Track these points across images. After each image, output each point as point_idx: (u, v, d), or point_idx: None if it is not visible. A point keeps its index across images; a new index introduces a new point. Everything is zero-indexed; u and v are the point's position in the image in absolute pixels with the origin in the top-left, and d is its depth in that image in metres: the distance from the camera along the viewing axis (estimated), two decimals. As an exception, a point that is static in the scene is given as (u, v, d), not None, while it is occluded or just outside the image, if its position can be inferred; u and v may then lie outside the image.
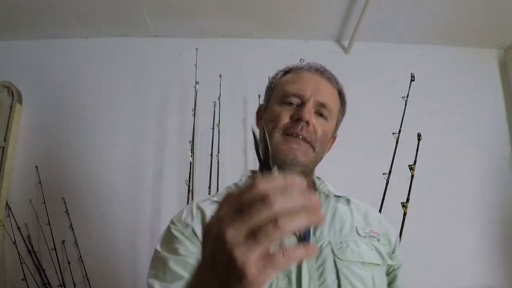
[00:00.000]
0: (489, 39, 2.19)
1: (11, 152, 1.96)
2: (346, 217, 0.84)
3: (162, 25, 2.12)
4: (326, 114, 0.82)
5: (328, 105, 0.81)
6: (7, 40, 2.18)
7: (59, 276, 1.77)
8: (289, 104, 0.80)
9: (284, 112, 0.79)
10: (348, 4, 1.94)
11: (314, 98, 0.80)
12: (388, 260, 0.81)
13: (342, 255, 0.75)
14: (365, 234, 0.82)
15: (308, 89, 0.81)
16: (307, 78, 0.83)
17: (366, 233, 0.82)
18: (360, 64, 2.17)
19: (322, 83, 0.83)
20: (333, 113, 0.83)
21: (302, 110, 0.77)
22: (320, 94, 0.81)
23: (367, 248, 0.80)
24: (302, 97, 0.80)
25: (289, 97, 0.81)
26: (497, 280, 1.89)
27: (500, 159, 2.08)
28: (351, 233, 0.81)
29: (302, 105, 0.79)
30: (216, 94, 1.95)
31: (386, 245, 0.84)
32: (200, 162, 1.98)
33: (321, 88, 0.82)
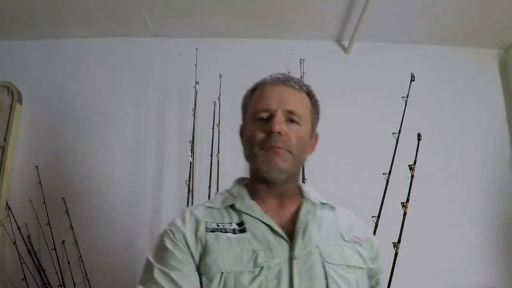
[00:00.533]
0: (489, 39, 2.19)
1: (11, 152, 1.96)
2: (331, 223, 0.88)
3: (162, 25, 2.12)
4: (297, 120, 0.85)
5: (296, 111, 0.84)
6: (7, 40, 2.18)
7: (59, 276, 1.77)
8: (260, 120, 0.85)
9: (258, 128, 0.84)
10: (348, 4, 1.94)
11: (281, 108, 0.84)
12: (370, 264, 0.86)
13: (329, 258, 0.79)
14: (349, 239, 0.86)
15: (273, 101, 0.85)
16: (271, 91, 0.87)
17: (350, 238, 0.86)
18: (360, 64, 2.17)
19: (286, 91, 0.87)
20: (303, 116, 0.86)
21: (272, 123, 0.81)
22: (286, 103, 0.84)
23: (351, 252, 0.84)
24: (269, 111, 0.84)
25: (259, 113, 0.85)
26: (497, 280, 1.89)
27: (500, 159, 2.08)
28: (336, 238, 0.85)
29: (271, 118, 0.83)
30: (216, 94, 1.95)
31: (368, 249, 0.88)
32: (200, 162, 1.98)
33: (285, 97, 0.86)
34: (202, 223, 0.81)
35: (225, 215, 0.85)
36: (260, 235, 0.79)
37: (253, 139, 0.84)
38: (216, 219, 0.83)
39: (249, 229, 0.80)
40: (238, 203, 0.85)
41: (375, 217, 1.53)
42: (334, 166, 1.94)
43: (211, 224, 0.81)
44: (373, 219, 1.52)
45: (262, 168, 0.82)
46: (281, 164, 0.81)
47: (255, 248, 0.77)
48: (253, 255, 0.75)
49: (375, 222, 1.52)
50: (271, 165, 0.81)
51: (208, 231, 0.80)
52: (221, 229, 0.80)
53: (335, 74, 2.11)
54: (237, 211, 0.85)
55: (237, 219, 0.83)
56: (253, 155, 0.84)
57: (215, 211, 0.86)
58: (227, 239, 0.78)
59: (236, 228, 0.81)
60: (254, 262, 0.74)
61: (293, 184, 0.89)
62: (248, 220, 0.82)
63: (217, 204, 0.88)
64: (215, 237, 0.78)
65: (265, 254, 0.76)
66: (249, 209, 0.84)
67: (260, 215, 0.82)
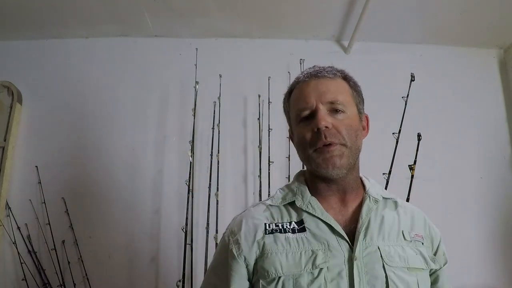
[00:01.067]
0: (489, 39, 2.19)
1: (11, 152, 1.96)
2: (393, 221, 0.85)
3: (162, 25, 2.12)
4: (341, 108, 0.82)
5: (336, 100, 0.82)
6: (7, 40, 2.18)
7: (59, 276, 1.77)
8: (305, 120, 0.83)
9: (305, 130, 0.82)
10: (348, 4, 1.94)
11: (321, 101, 0.81)
12: (432, 264, 0.84)
13: (390, 260, 0.76)
14: (411, 238, 0.84)
15: (311, 97, 0.82)
16: (306, 88, 0.85)
17: (412, 238, 0.84)
18: (360, 64, 2.17)
19: (321, 83, 0.84)
20: (346, 102, 0.84)
21: (316, 120, 0.79)
22: (324, 95, 0.82)
23: (413, 253, 0.81)
24: (310, 108, 0.82)
25: (300, 114, 0.83)
26: (497, 279, 1.89)
27: (500, 159, 2.08)
28: (397, 238, 0.82)
29: (314, 115, 0.81)
30: (216, 94, 1.95)
31: (429, 247, 0.87)
32: (200, 162, 1.98)
33: (322, 89, 0.83)
34: (261, 226, 0.81)
35: (284, 213, 0.84)
36: (319, 235, 0.78)
37: (303, 140, 0.82)
38: (275, 219, 0.83)
39: (309, 228, 0.79)
40: (298, 200, 0.84)
41: (375, 217, 1.52)
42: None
43: (270, 226, 0.81)
44: (373, 219, 1.52)
45: (320, 170, 0.80)
46: (338, 162, 0.79)
47: (314, 248, 0.76)
48: (312, 256, 0.75)
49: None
50: (329, 165, 0.79)
51: (267, 233, 0.80)
52: (280, 230, 0.80)
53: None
54: (297, 209, 0.83)
55: (297, 217, 0.82)
56: (308, 157, 0.82)
57: (274, 210, 0.85)
58: (285, 240, 0.78)
59: (295, 227, 0.80)
60: (313, 263, 0.73)
61: (354, 175, 0.86)
62: (308, 219, 0.81)
63: (277, 201, 0.86)
64: (274, 239, 0.78)
65: (324, 254, 0.75)
66: (309, 207, 0.82)
67: (321, 214, 0.81)
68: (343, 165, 0.80)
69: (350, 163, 0.82)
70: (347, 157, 0.80)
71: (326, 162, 0.79)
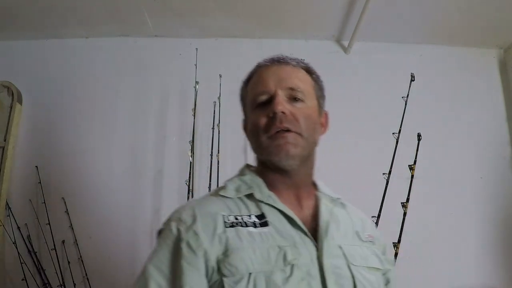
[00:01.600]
0: (489, 39, 2.19)
1: (11, 152, 1.96)
2: (347, 221, 0.82)
3: (162, 25, 2.12)
4: (300, 96, 0.77)
5: (297, 87, 0.77)
6: (7, 40, 2.18)
7: (59, 276, 1.77)
8: (261, 106, 0.77)
9: (260, 115, 0.76)
10: (348, 4, 1.94)
11: (280, 87, 0.77)
12: (385, 264, 0.81)
13: (353, 260, 0.73)
14: (365, 239, 0.81)
15: (271, 82, 0.78)
16: (266, 72, 0.80)
17: (366, 238, 0.81)
18: (360, 64, 2.17)
19: (282, 69, 0.80)
20: (306, 92, 0.79)
21: (273, 104, 0.74)
22: (285, 81, 0.77)
23: (369, 253, 0.79)
24: (268, 92, 0.77)
25: (257, 98, 0.78)
26: (497, 280, 1.89)
27: (500, 159, 2.08)
28: (353, 237, 0.79)
29: (272, 100, 0.76)
30: (216, 94, 1.95)
31: (380, 248, 0.84)
32: (200, 162, 1.98)
33: (283, 75, 0.79)
34: (219, 218, 0.71)
35: (241, 206, 0.75)
36: (283, 230, 0.71)
37: (257, 127, 0.76)
38: (233, 211, 0.73)
39: (271, 223, 0.72)
40: (257, 193, 0.76)
41: (375, 217, 1.53)
42: (334, 166, 1.93)
43: (229, 218, 0.71)
44: (373, 219, 1.52)
45: (272, 158, 0.75)
46: (292, 151, 0.73)
47: (281, 244, 0.69)
48: (280, 252, 0.67)
49: (375, 222, 1.52)
50: (282, 153, 0.73)
51: (227, 226, 0.69)
52: (240, 223, 0.70)
53: (335, 74, 2.11)
54: (254, 202, 0.75)
55: (256, 210, 0.74)
56: (260, 144, 0.76)
57: (229, 202, 0.75)
58: (249, 234, 0.69)
59: (256, 221, 0.72)
60: (284, 259, 0.67)
61: (307, 171, 0.82)
62: (269, 213, 0.73)
63: (230, 193, 0.77)
64: (236, 233, 0.69)
65: (292, 251, 0.68)
66: (270, 200, 0.75)
67: (283, 208, 0.74)
68: (297, 154, 0.74)
69: (304, 155, 0.77)
70: (301, 147, 0.75)
71: (278, 149, 0.73)
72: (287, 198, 0.78)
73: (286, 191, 0.78)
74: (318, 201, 0.81)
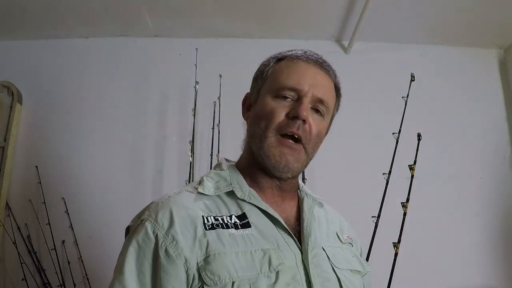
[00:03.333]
0: (489, 39, 2.19)
1: (11, 152, 1.96)
2: (327, 222, 0.80)
3: (162, 25, 2.12)
4: (323, 111, 0.74)
5: (325, 101, 0.73)
6: (7, 40, 2.18)
7: (59, 276, 1.77)
8: (283, 98, 0.72)
9: (279, 108, 0.71)
10: (348, 4, 1.94)
11: (312, 93, 0.72)
12: (366, 266, 0.79)
13: (337, 262, 0.71)
14: (345, 240, 0.79)
15: (306, 82, 0.72)
16: (304, 69, 0.74)
17: (345, 240, 0.80)
18: (360, 64, 2.17)
19: (320, 76, 0.75)
20: (330, 109, 0.76)
21: (300, 107, 0.69)
22: (318, 89, 0.73)
23: (350, 255, 0.77)
24: (299, 92, 0.72)
25: (284, 90, 0.72)
26: (497, 280, 1.89)
27: (500, 159, 2.07)
28: (334, 239, 0.77)
29: (299, 101, 0.71)
30: (216, 94, 1.95)
31: (359, 250, 0.83)
32: (200, 162, 1.98)
33: (319, 81, 0.74)
34: (199, 219, 0.65)
35: (220, 204, 0.69)
36: (266, 232, 0.67)
37: (270, 119, 0.71)
38: (212, 211, 0.67)
39: (254, 224, 0.67)
40: (238, 190, 0.71)
41: (375, 217, 1.53)
42: (334, 166, 1.94)
43: (209, 219, 0.65)
44: (373, 219, 1.52)
45: (269, 161, 0.70)
46: (292, 164, 0.71)
47: (264, 248, 0.64)
48: (265, 256, 0.63)
49: (375, 222, 1.52)
50: (282, 163, 0.70)
51: (208, 229, 0.64)
52: (221, 224, 0.65)
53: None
54: (235, 200, 0.70)
55: (237, 210, 0.69)
56: (264, 138, 0.71)
57: (208, 200, 0.70)
58: (230, 237, 0.64)
59: (237, 222, 0.66)
60: (269, 264, 0.62)
61: (295, 180, 0.79)
62: (252, 213, 0.69)
63: (209, 190, 0.71)
64: (217, 236, 0.63)
65: (277, 254, 0.64)
66: (252, 198, 0.70)
67: (266, 207, 0.69)
68: (294, 170, 0.72)
69: (299, 171, 0.75)
70: (301, 164, 0.73)
71: (281, 157, 0.70)
72: (270, 197, 0.74)
73: (270, 190, 0.75)
74: (300, 201, 0.79)
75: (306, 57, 0.76)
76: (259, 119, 0.73)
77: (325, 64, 0.77)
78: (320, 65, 0.76)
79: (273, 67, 0.78)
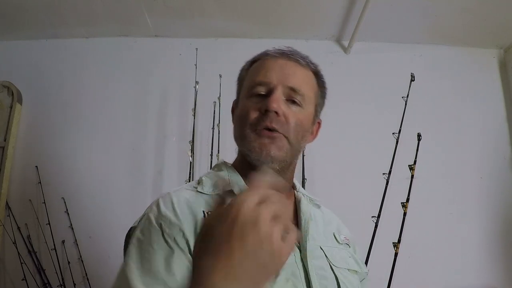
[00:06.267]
0: (489, 39, 2.18)
1: (11, 152, 1.96)
2: (324, 222, 0.80)
3: (162, 25, 2.12)
4: (299, 100, 0.73)
5: (299, 90, 0.72)
6: (7, 40, 2.18)
7: (59, 276, 1.77)
8: (256, 96, 0.73)
9: (253, 106, 0.72)
10: (348, 4, 1.94)
11: (282, 84, 0.72)
12: (363, 267, 0.80)
13: (335, 261, 0.72)
14: (342, 241, 0.80)
15: (273, 75, 0.73)
16: (272, 63, 0.75)
17: (342, 240, 0.80)
18: (360, 64, 2.17)
19: (290, 66, 0.74)
20: (307, 97, 0.74)
21: (269, 100, 0.70)
22: (289, 79, 0.72)
23: (347, 255, 0.77)
24: (267, 85, 0.72)
25: (255, 87, 0.73)
26: (497, 280, 1.89)
27: (500, 159, 2.07)
28: (332, 239, 0.78)
29: (269, 95, 0.71)
30: (216, 94, 1.95)
31: (355, 251, 0.83)
32: (200, 162, 1.98)
33: (289, 72, 0.73)
34: (200, 215, 0.66)
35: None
36: None
37: (245, 117, 0.72)
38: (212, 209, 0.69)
39: None
40: (236, 189, 0.72)
41: (375, 217, 1.53)
42: (334, 166, 1.94)
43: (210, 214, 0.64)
44: (373, 219, 1.52)
45: (251, 154, 0.71)
46: (274, 153, 0.70)
47: None
48: None
49: (375, 222, 1.52)
50: (263, 153, 0.70)
51: None
52: None
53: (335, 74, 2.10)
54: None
55: None
56: (243, 136, 0.73)
57: (208, 198, 0.71)
58: None
59: None
60: None
61: (289, 175, 0.79)
62: None
63: (207, 189, 0.73)
64: None
65: None
66: None
67: None
68: (279, 157, 0.70)
69: (286, 162, 0.73)
70: (285, 152, 0.71)
71: (261, 148, 0.70)
72: None
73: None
74: (297, 201, 0.79)
75: (274, 51, 0.77)
76: (238, 120, 0.76)
77: (295, 54, 0.76)
78: (287, 56, 0.75)
79: (247, 70, 0.81)
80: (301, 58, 0.77)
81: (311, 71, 0.79)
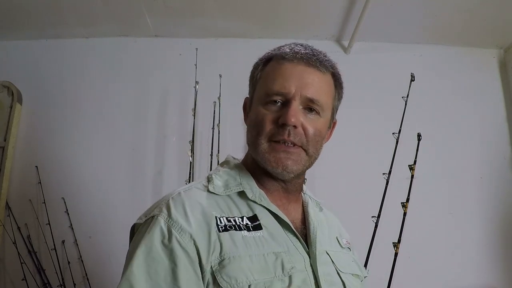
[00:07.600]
0: (489, 39, 2.18)
1: (11, 152, 1.96)
2: (327, 226, 0.79)
3: (162, 25, 2.12)
4: (317, 110, 0.71)
5: (317, 100, 0.70)
6: (7, 40, 2.18)
7: (59, 276, 1.77)
8: (273, 103, 0.70)
9: (269, 115, 0.69)
10: (348, 4, 1.94)
11: (300, 94, 0.69)
12: (364, 271, 0.80)
13: (341, 266, 0.71)
14: (344, 245, 0.80)
15: (292, 84, 0.69)
16: (290, 70, 0.71)
17: (344, 244, 0.80)
18: (360, 64, 2.17)
19: (309, 73, 0.71)
20: (325, 105, 0.72)
21: (287, 114, 0.67)
22: (307, 88, 0.69)
23: (350, 260, 0.77)
24: (285, 95, 0.69)
25: (272, 96, 0.70)
26: (497, 280, 1.89)
27: (500, 159, 2.07)
28: (335, 243, 0.78)
29: (287, 105, 0.68)
30: (216, 94, 1.95)
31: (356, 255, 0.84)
32: (200, 162, 1.98)
33: (308, 80, 0.70)
34: (212, 220, 0.63)
35: (231, 205, 0.68)
36: (277, 235, 0.66)
37: (261, 127, 0.69)
38: (224, 212, 0.66)
39: (265, 226, 0.66)
40: (248, 191, 0.69)
41: (375, 217, 1.53)
42: (334, 166, 1.94)
43: (222, 220, 0.64)
44: (373, 219, 1.52)
45: (267, 167, 0.69)
46: (291, 168, 0.68)
47: (276, 251, 0.64)
48: (277, 259, 0.63)
49: (375, 222, 1.52)
50: (279, 167, 0.68)
51: (221, 231, 0.62)
52: (234, 226, 0.63)
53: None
54: (245, 201, 0.69)
55: (247, 211, 0.67)
56: (257, 145, 0.69)
57: (219, 199, 0.68)
58: (243, 239, 0.62)
59: (249, 224, 0.65)
60: (282, 268, 0.62)
61: (301, 179, 0.78)
62: (262, 215, 0.67)
63: (219, 189, 0.70)
64: (230, 238, 0.62)
65: (288, 258, 0.64)
66: (263, 200, 0.69)
67: (276, 210, 0.68)
68: (296, 171, 0.70)
69: (303, 170, 0.73)
70: (303, 164, 0.70)
71: (277, 162, 0.68)
72: (277, 199, 0.73)
73: (276, 192, 0.74)
74: (305, 204, 0.79)
75: (292, 55, 0.72)
76: (252, 127, 0.73)
77: (314, 59, 0.72)
78: (307, 61, 0.72)
79: (261, 70, 0.77)
80: (320, 64, 0.73)
81: (331, 74, 0.76)
